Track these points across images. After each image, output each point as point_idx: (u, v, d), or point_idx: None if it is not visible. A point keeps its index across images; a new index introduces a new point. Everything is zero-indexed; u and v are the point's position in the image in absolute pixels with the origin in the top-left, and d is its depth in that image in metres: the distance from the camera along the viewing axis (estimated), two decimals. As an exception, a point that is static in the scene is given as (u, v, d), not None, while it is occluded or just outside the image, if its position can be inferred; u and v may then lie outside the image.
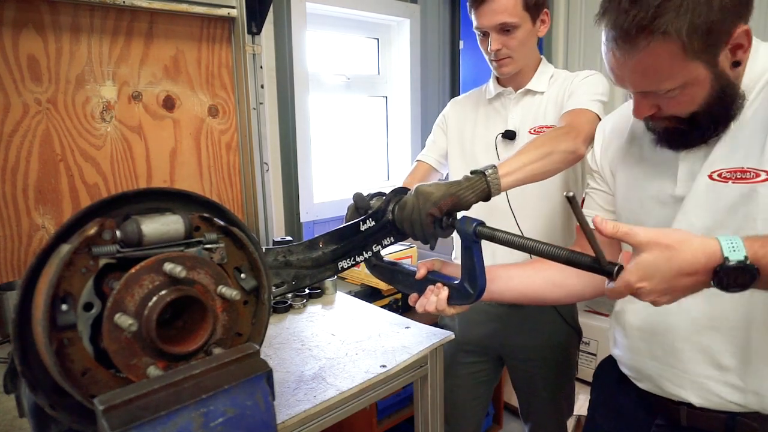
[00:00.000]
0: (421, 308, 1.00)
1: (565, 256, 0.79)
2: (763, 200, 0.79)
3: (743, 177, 0.81)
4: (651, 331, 0.95)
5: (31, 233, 1.39)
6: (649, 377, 0.96)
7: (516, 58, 1.36)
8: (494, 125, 1.46)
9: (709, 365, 0.88)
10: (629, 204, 0.99)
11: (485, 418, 2.39)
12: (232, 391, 0.63)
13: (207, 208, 0.76)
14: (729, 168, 0.83)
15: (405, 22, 2.52)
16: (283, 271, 0.93)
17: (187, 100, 1.62)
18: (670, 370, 0.92)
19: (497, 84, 1.48)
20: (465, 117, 1.54)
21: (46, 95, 1.39)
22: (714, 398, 0.87)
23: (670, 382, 0.92)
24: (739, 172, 0.82)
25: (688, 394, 0.90)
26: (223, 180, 1.74)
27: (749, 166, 0.80)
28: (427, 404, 1.21)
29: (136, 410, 0.56)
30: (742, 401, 0.86)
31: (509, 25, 1.30)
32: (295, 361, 1.13)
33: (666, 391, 0.93)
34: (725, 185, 0.83)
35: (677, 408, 0.92)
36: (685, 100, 0.82)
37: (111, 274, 0.67)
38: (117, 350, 0.64)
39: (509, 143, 1.42)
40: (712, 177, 0.84)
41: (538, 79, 1.42)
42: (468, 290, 0.93)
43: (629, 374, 1.02)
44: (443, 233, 0.97)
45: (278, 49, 2.04)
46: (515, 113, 1.44)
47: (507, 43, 1.33)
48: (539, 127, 1.39)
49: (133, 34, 1.50)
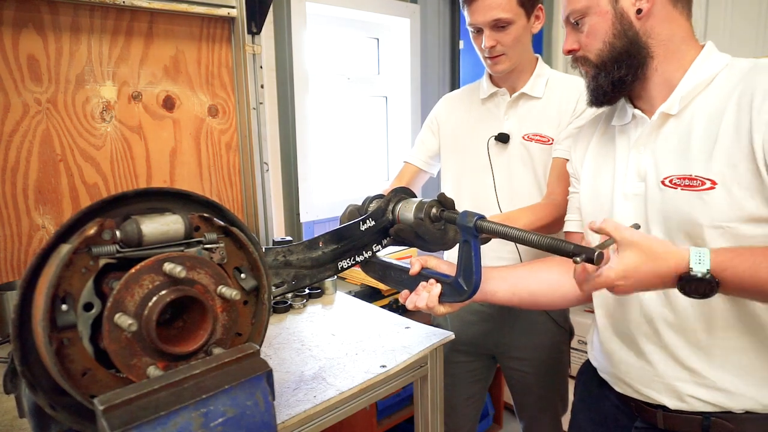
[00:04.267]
0: (411, 305, 0.99)
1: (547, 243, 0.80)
2: (709, 208, 0.81)
3: (690, 185, 0.84)
4: (623, 336, 0.97)
5: (31, 233, 1.40)
6: (624, 381, 0.97)
7: (510, 55, 1.33)
8: (487, 127, 1.44)
9: (677, 366, 0.89)
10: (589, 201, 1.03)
11: (484, 418, 2.41)
12: (232, 391, 0.63)
13: (207, 208, 0.76)
14: (679, 175, 0.86)
15: (405, 22, 2.51)
16: (283, 271, 0.93)
17: (187, 100, 1.63)
18: (643, 373, 0.94)
19: (491, 83, 1.45)
20: (458, 115, 1.52)
21: (46, 95, 1.39)
22: (687, 399, 0.89)
23: (644, 386, 0.94)
24: (688, 179, 0.84)
25: (662, 397, 0.91)
26: (223, 180, 1.74)
27: (697, 174, 0.83)
28: (427, 404, 1.21)
29: (136, 410, 0.56)
30: (713, 400, 0.87)
31: (503, 21, 1.28)
32: (295, 361, 1.13)
33: (642, 394, 0.94)
34: (675, 191, 0.86)
35: (654, 411, 0.93)
36: (591, 32, 0.90)
37: (111, 274, 0.67)
38: (117, 350, 0.64)
39: (502, 147, 1.41)
40: (664, 183, 0.87)
41: (534, 83, 1.39)
42: (462, 286, 0.93)
43: (607, 378, 1.03)
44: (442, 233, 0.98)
45: (278, 49, 2.04)
46: (510, 117, 1.42)
47: (501, 39, 1.30)
48: (534, 134, 1.37)
49: (133, 34, 1.50)
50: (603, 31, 0.89)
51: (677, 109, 0.88)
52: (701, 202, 0.82)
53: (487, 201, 1.42)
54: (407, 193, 1.06)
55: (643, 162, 0.92)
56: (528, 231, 0.84)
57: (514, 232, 0.85)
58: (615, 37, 0.88)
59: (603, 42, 0.89)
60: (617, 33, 0.88)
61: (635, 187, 0.92)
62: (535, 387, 1.53)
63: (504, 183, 1.41)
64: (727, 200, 0.80)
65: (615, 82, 0.90)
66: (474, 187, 1.45)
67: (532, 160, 1.38)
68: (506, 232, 0.85)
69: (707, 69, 0.87)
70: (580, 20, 0.91)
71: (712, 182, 0.81)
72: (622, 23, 0.88)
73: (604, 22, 0.88)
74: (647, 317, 0.92)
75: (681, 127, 0.88)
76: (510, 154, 1.40)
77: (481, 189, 1.44)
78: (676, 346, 0.89)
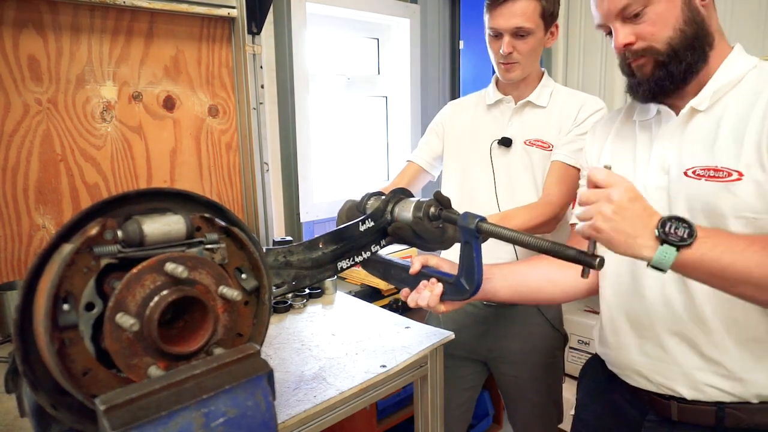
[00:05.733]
0: (413, 303, 0.99)
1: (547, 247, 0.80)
2: (735, 199, 0.83)
3: (716, 176, 0.85)
4: (639, 327, 0.97)
5: (32, 233, 1.40)
6: (639, 372, 0.98)
7: (524, 65, 1.37)
8: (491, 131, 1.46)
9: (695, 356, 0.90)
10: None
11: (484, 417, 2.41)
12: (232, 392, 0.63)
13: (208, 209, 0.76)
14: (703, 166, 0.86)
15: (405, 22, 2.52)
16: (283, 272, 0.93)
17: (187, 100, 1.63)
18: (659, 364, 0.94)
19: (497, 90, 1.48)
20: (463, 120, 1.55)
21: (47, 95, 1.39)
22: (704, 388, 0.90)
23: (661, 376, 0.94)
24: (713, 170, 0.85)
25: (679, 387, 0.92)
26: (223, 180, 1.74)
27: (723, 166, 0.84)
28: (427, 404, 1.22)
29: (137, 410, 0.56)
30: (729, 389, 0.88)
31: (525, 30, 1.31)
32: (295, 361, 1.13)
33: (657, 385, 0.95)
34: (699, 182, 0.87)
35: (668, 403, 0.94)
36: (658, 20, 0.87)
37: (112, 274, 0.67)
38: (118, 350, 0.64)
39: (504, 150, 1.43)
40: (687, 174, 0.88)
41: (540, 92, 1.43)
42: (464, 286, 0.93)
43: (618, 372, 1.03)
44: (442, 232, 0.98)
45: (278, 49, 2.04)
46: (514, 123, 1.44)
47: (519, 47, 1.34)
48: (535, 139, 1.40)
49: (133, 34, 1.50)
50: (673, 17, 0.87)
51: (707, 105, 0.89)
52: (727, 192, 0.83)
53: (487, 202, 1.44)
54: (406, 194, 1.06)
55: (667, 155, 0.92)
56: (528, 234, 0.84)
57: (514, 235, 0.85)
58: (686, 23, 0.87)
59: (674, 29, 0.87)
60: (687, 19, 0.87)
61: (658, 180, 0.93)
62: (529, 393, 1.52)
63: (504, 185, 1.44)
64: (755, 192, 0.81)
65: (687, 70, 0.89)
66: (475, 189, 1.48)
67: (532, 164, 1.41)
68: (507, 234, 0.86)
69: (738, 68, 0.89)
70: (642, 11, 0.88)
71: (739, 173, 0.82)
72: (690, 9, 0.87)
73: (673, 8, 0.87)
74: (665, 305, 0.92)
75: (708, 123, 0.89)
76: (511, 158, 1.43)
77: (482, 191, 1.46)
78: (696, 337, 0.90)
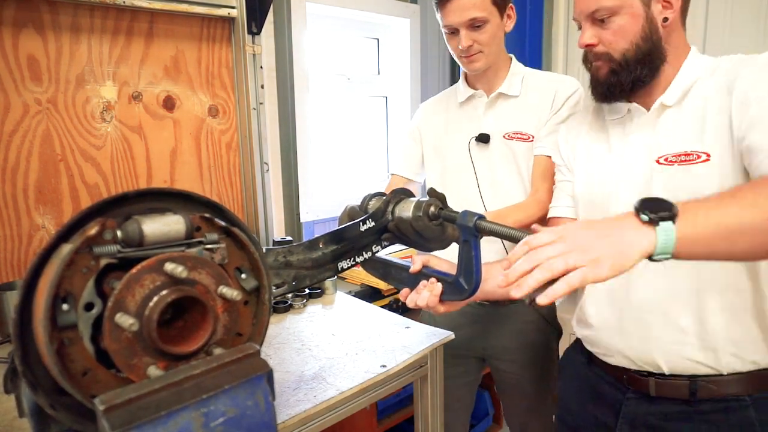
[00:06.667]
0: (412, 303, 1.00)
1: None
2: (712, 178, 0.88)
3: (687, 160, 0.91)
4: (620, 307, 1.02)
5: (31, 233, 1.40)
6: (620, 351, 1.02)
7: (487, 53, 1.36)
8: (467, 129, 1.45)
9: (673, 330, 0.95)
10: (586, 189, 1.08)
11: (484, 417, 2.41)
12: (232, 391, 0.63)
13: (208, 209, 0.76)
14: (674, 153, 0.93)
15: (405, 22, 2.52)
16: (283, 272, 0.93)
17: (187, 100, 1.63)
18: (640, 340, 0.99)
19: (467, 86, 1.47)
20: (437, 121, 1.53)
21: (46, 95, 1.39)
22: (681, 361, 0.95)
23: (641, 352, 0.99)
24: (683, 155, 0.92)
25: (658, 360, 0.97)
26: (223, 180, 1.74)
27: (692, 149, 0.90)
28: (427, 404, 1.21)
29: (137, 410, 0.56)
30: (703, 359, 0.94)
31: (479, 20, 1.31)
32: (295, 361, 1.13)
33: (637, 362, 1.00)
34: (672, 168, 0.93)
35: (646, 380, 0.99)
36: (620, 31, 0.94)
37: (112, 274, 0.67)
38: (118, 350, 0.64)
39: (483, 147, 1.42)
40: (659, 162, 0.94)
41: (511, 81, 1.41)
42: (463, 285, 0.93)
43: (598, 352, 1.07)
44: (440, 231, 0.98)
45: (278, 49, 2.04)
46: (489, 117, 1.43)
47: (478, 38, 1.33)
48: (514, 132, 1.39)
49: (133, 34, 1.50)
50: (632, 32, 0.93)
51: (675, 99, 0.96)
52: (703, 172, 0.89)
53: (471, 201, 1.43)
54: (407, 194, 1.06)
55: (639, 149, 0.98)
56: (526, 231, 0.84)
57: (512, 232, 0.85)
58: (642, 39, 0.93)
59: (630, 42, 0.94)
60: (645, 36, 0.93)
61: (635, 171, 0.98)
62: (526, 388, 1.52)
63: (487, 182, 1.43)
64: (726, 169, 0.87)
65: (635, 81, 0.95)
66: (458, 189, 1.45)
67: (515, 157, 1.40)
68: (505, 231, 0.86)
69: (698, 66, 0.96)
70: (608, 18, 0.94)
71: (707, 155, 0.88)
72: (650, 27, 0.93)
73: (635, 23, 0.93)
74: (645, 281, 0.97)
75: (676, 116, 0.96)
76: (491, 154, 1.42)
77: (464, 189, 1.45)
78: (673, 312, 0.95)
